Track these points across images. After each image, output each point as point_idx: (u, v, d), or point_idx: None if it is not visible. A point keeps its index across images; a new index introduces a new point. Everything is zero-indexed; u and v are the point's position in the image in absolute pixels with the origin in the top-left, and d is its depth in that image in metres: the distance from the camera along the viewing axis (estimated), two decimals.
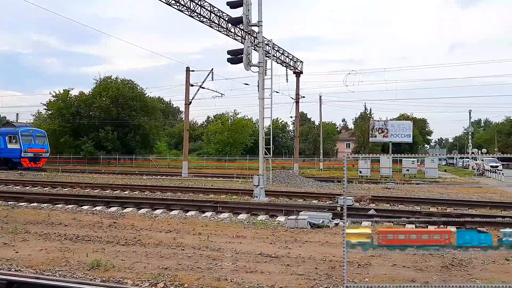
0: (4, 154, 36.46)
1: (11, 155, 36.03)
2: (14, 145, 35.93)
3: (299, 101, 37.00)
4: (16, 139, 35.97)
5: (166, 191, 18.23)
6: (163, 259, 6.78)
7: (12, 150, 35.96)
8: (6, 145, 36.38)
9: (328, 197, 16.02)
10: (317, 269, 6.22)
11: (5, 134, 36.89)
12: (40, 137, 38.22)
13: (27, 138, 36.49)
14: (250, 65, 16.19)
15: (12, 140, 36.13)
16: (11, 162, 36.14)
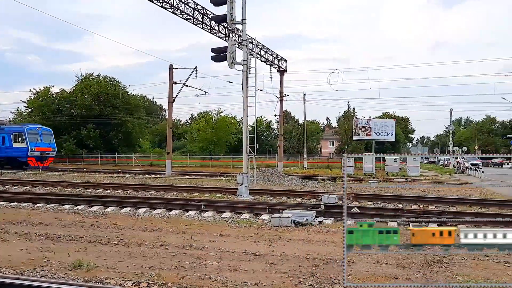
0: (9, 153, 34.75)
1: (17, 154, 34.36)
2: (20, 144, 34.31)
3: (283, 99, 37.12)
4: (22, 137, 34.33)
5: (149, 190, 18.08)
6: (146, 259, 6.72)
7: (18, 149, 34.32)
8: (11, 144, 34.75)
9: (312, 195, 16.12)
10: (301, 267, 6.25)
11: (10, 132, 35.26)
12: (47, 135, 36.54)
13: (34, 136, 34.75)
14: (234, 63, 16.15)
15: (18, 138, 34.50)
16: (17, 162, 34.55)
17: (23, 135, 34.44)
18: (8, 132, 35.32)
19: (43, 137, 35.64)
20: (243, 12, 16.19)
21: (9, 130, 35.69)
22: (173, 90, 31.16)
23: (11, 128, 36.29)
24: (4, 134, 35.27)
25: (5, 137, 35.11)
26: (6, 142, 34.97)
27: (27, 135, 34.28)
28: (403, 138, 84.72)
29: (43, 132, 36.43)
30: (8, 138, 34.90)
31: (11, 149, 34.55)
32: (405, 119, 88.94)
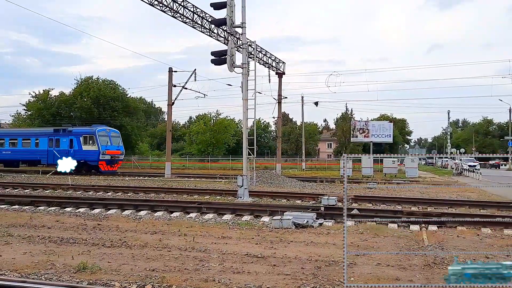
0: (78, 157, 32.27)
1: (87, 157, 32.59)
2: (90, 147, 32.72)
3: (281, 101, 37.19)
4: (93, 139, 32.71)
5: (149, 192, 18.12)
6: (149, 261, 6.77)
7: (88, 152, 32.64)
8: (80, 147, 33.12)
9: (311, 197, 16.18)
10: (303, 269, 6.31)
11: (79, 134, 33.57)
12: (115, 137, 35.14)
13: (104, 138, 33.32)
14: (234, 66, 16.22)
15: (88, 141, 32.85)
16: (87, 166, 32.96)
17: (94, 138, 32.87)
18: (76, 134, 33.64)
19: (112, 140, 34.24)
20: (243, 15, 16.28)
21: (77, 132, 34.02)
22: (172, 93, 31.21)
23: (80, 130, 34.51)
24: (72, 137, 33.62)
25: (73, 139, 33.43)
26: (75, 145, 33.30)
27: (98, 137, 32.82)
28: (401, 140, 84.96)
29: (112, 134, 35.15)
30: (77, 141, 33.25)
31: (81, 153, 32.79)
32: (402, 121, 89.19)
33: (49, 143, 34.20)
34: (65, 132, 34.20)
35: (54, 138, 34.22)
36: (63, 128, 35.60)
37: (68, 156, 32.00)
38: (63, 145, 33.67)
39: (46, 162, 34.05)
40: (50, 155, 33.67)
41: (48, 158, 33.80)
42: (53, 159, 32.69)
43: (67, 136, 33.70)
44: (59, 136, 34.18)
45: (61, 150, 33.35)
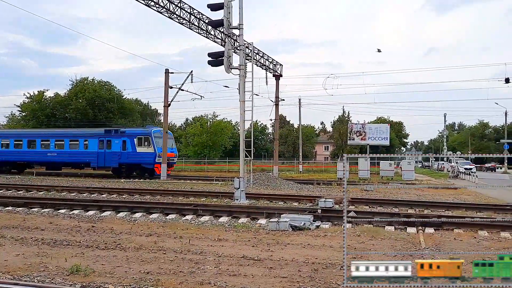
0: (132, 159, 30.72)
1: (142, 160, 30.65)
2: (146, 149, 30.70)
3: (278, 104, 37.18)
4: (149, 141, 30.75)
5: (145, 194, 18.01)
6: (144, 264, 6.69)
7: (143, 154, 30.63)
8: (135, 148, 31.02)
9: (308, 199, 16.12)
10: (300, 271, 6.24)
11: (133, 136, 31.53)
12: (169, 138, 33.12)
13: (159, 140, 31.23)
14: (231, 68, 16.18)
15: (144, 143, 30.88)
16: (141, 169, 31.21)
17: (149, 139, 30.86)
18: (130, 135, 31.62)
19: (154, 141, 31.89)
20: (240, 17, 16.25)
21: (131, 133, 32.04)
22: (168, 95, 31.12)
23: (133, 131, 32.76)
24: (125, 138, 31.43)
25: (127, 141, 31.30)
26: (128, 147, 31.11)
27: (153, 138, 30.91)
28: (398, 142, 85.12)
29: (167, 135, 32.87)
30: (131, 143, 31.16)
31: (135, 155, 30.79)
32: (399, 124, 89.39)
33: (99, 144, 32.08)
34: (117, 133, 32.25)
35: (105, 140, 32.05)
36: (115, 128, 34.01)
37: (120, 158, 31.10)
38: (115, 147, 31.48)
39: (96, 164, 32.08)
40: (101, 157, 31.72)
41: (99, 160, 31.78)
42: (104, 162, 31.44)
43: (120, 137, 31.55)
44: (110, 137, 32.06)
45: (113, 152, 31.35)
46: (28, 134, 36.79)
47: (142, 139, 31.11)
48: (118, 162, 30.98)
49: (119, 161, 30.97)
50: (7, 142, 35.48)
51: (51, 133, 36.24)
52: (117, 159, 31.01)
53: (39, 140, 34.49)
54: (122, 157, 31.03)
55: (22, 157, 34.64)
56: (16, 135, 36.62)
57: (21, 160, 34.93)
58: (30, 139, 34.89)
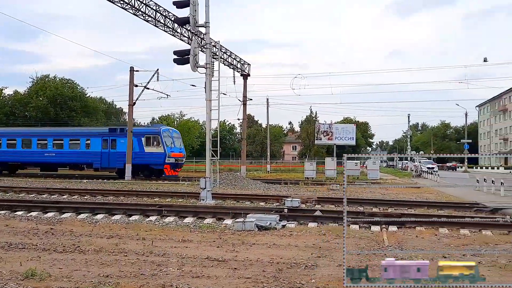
0: (139, 160, 29.04)
1: (151, 160, 29.11)
2: (155, 149, 29.20)
3: (246, 103, 37.15)
4: (158, 140, 29.28)
5: (108, 195, 17.54)
6: (104, 267, 6.45)
7: (152, 154, 29.10)
8: (142, 148, 29.46)
9: (275, 199, 16.12)
10: (265, 271, 6.17)
11: (140, 135, 29.84)
12: (178, 138, 31.74)
13: (168, 139, 29.89)
14: (197, 66, 15.96)
15: (153, 142, 29.37)
16: (149, 170, 29.68)
17: (158, 138, 29.37)
18: (137, 134, 29.83)
19: (175, 141, 30.84)
20: (206, 15, 16.05)
21: (138, 132, 30.34)
22: (133, 93, 30.48)
23: (141, 130, 31.10)
24: (133, 138, 29.63)
25: (134, 140, 29.53)
26: (135, 147, 29.34)
27: (163, 138, 29.39)
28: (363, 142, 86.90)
29: (174, 134, 31.69)
30: (138, 142, 29.47)
31: (143, 155, 29.30)
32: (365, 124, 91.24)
33: (103, 144, 30.42)
34: (123, 132, 30.26)
35: (109, 139, 30.42)
36: (121, 127, 31.87)
37: None
38: (121, 147, 29.73)
39: (100, 165, 30.25)
40: (105, 158, 30.05)
41: (102, 161, 30.04)
42: (108, 163, 29.72)
43: (126, 136, 29.66)
44: (115, 136, 30.37)
45: (118, 152, 29.72)
46: (23, 133, 34.25)
47: (150, 138, 29.51)
48: (123, 163, 29.04)
49: (125, 162, 29.09)
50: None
51: (49, 132, 34.06)
52: (122, 159, 29.15)
53: (35, 140, 32.44)
54: None
55: (16, 157, 32.29)
56: (9, 134, 34.03)
57: (15, 161, 32.58)
58: (25, 138, 32.55)
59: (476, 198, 17.41)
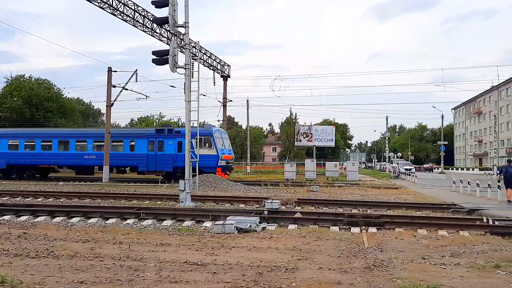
0: None
1: (202, 163, 26.62)
2: (206, 151, 27.31)
3: (226, 104, 37.01)
4: (210, 142, 27.72)
5: (84, 198, 17.15)
6: (78, 272, 6.24)
7: (203, 157, 26.24)
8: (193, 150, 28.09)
9: (255, 201, 16.04)
10: (245, 275, 6.07)
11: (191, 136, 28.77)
12: (227, 139, 30.16)
13: (219, 141, 28.40)
14: (176, 67, 15.75)
15: (204, 144, 27.63)
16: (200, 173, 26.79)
17: (210, 140, 27.81)
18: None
19: (224, 142, 29.39)
20: (186, 15, 15.86)
21: None
22: (111, 94, 30.00)
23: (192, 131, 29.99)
24: (181, 139, 27.77)
25: (183, 142, 27.03)
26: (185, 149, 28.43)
27: (215, 139, 27.93)
28: (342, 144, 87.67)
29: (223, 135, 30.04)
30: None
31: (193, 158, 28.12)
32: (344, 126, 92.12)
33: (149, 146, 28.79)
34: (171, 133, 28.97)
35: (156, 140, 28.79)
36: (169, 128, 30.50)
37: (175, 161, 27.79)
38: (169, 149, 28.34)
39: (146, 168, 28.54)
40: (151, 160, 28.45)
41: (148, 164, 28.37)
42: (155, 166, 28.18)
43: (174, 137, 28.34)
44: (163, 137, 28.77)
45: (166, 154, 28.22)
46: (59, 134, 32.28)
47: (202, 140, 27.55)
48: (172, 166, 27.90)
49: (173, 165, 27.87)
50: (32, 143, 31.14)
51: (89, 133, 32.34)
52: (171, 162, 27.82)
53: (73, 141, 30.57)
54: (178, 160, 27.69)
55: (51, 160, 30.39)
56: (44, 135, 31.85)
57: (50, 164, 30.80)
58: (62, 140, 30.65)
59: (453, 199, 17.69)
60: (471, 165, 73.88)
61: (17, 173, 30.73)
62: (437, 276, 6.13)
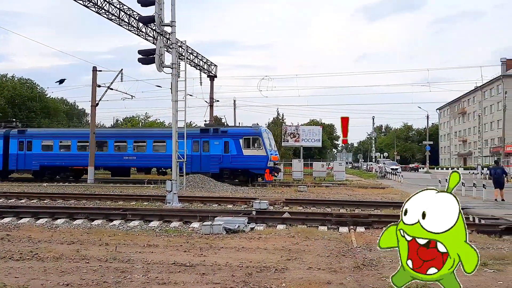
0: (237, 164, 26.62)
1: (251, 164, 26.54)
2: (256, 151, 26.56)
3: (213, 105, 36.83)
4: (259, 142, 26.73)
5: (69, 199, 16.88)
6: (64, 275, 6.10)
7: (252, 158, 26.48)
8: (241, 151, 26.79)
9: (243, 201, 15.97)
10: (234, 276, 6.00)
11: (238, 136, 27.07)
12: (272, 139, 29.14)
13: (267, 141, 27.31)
14: (162, 66, 15.61)
15: (252, 144, 26.76)
16: (248, 175, 27.19)
17: (259, 140, 26.79)
18: (234, 135, 27.24)
19: (271, 142, 28.32)
20: (172, 14, 15.74)
21: (235, 133, 27.63)
22: (96, 93, 29.62)
23: (238, 131, 28.17)
24: (227, 139, 27.15)
25: (230, 142, 27.05)
26: (232, 149, 26.91)
27: (264, 140, 26.86)
28: (329, 144, 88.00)
29: (270, 135, 28.94)
30: (235, 144, 26.92)
31: (241, 159, 26.73)
32: (330, 126, 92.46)
33: (193, 146, 27.47)
34: (217, 132, 27.87)
35: (200, 141, 27.68)
36: (214, 127, 29.18)
37: (222, 163, 26.87)
38: (215, 149, 27.29)
39: (190, 170, 26.54)
40: (196, 161, 27.20)
41: (193, 165, 26.96)
42: (200, 167, 27.08)
43: (221, 137, 27.41)
44: (208, 137, 27.68)
45: (212, 155, 27.20)
46: (97, 134, 30.34)
47: (250, 140, 26.89)
48: (218, 167, 27.04)
49: (220, 166, 27.03)
50: (67, 144, 29.97)
51: (129, 133, 31.07)
52: (217, 163, 26.91)
53: (112, 141, 29.28)
54: (224, 161, 26.98)
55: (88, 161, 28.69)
56: (80, 135, 30.83)
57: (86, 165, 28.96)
58: (99, 140, 29.35)
59: None
60: (456, 165, 74.89)
61: (50, 175, 29.69)
62: None
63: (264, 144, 26.80)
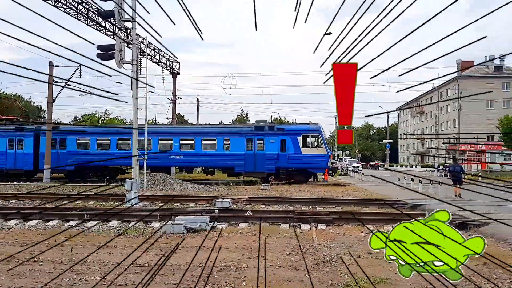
0: (295, 163, 25.40)
1: (311, 164, 25.30)
2: (315, 150, 25.29)
3: (176, 102, 36.37)
4: (319, 140, 25.50)
5: (23, 199, 16.20)
6: (15, 278, 5.85)
7: (312, 156, 25.09)
8: (298, 149, 25.40)
9: (205, 200, 15.84)
10: (194, 276, 5.92)
11: (296, 134, 25.60)
12: (326, 138, 27.44)
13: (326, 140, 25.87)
14: (122, 63, 15.25)
15: (311, 142, 25.60)
16: (307, 174, 25.98)
17: (319, 138, 25.45)
18: (291, 133, 25.72)
19: (325, 141, 26.53)
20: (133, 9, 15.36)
21: (292, 130, 26.02)
22: (53, 90, 28.59)
23: (295, 128, 26.46)
24: (284, 137, 25.67)
25: (287, 140, 25.60)
26: (290, 148, 25.54)
27: (323, 138, 25.54)
28: None
29: (324, 133, 27.39)
30: (293, 142, 25.50)
31: (299, 158, 25.37)
32: None
33: (247, 145, 26.18)
34: (272, 130, 26.30)
35: (254, 138, 26.15)
36: (270, 125, 27.30)
37: (278, 162, 25.43)
38: (270, 148, 25.82)
39: (243, 169, 25.90)
40: (249, 160, 25.89)
41: (246, 165, 25.81)
42: (254, 166, 25.75)
43: (276, 135, 25.92)
44: (263, 135, 26.10)
45: (267, 154, 25.74)
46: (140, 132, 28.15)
47: (309, 138, 25.70)
48: (274, 167, 25.76)
49: (276, 165, 25.72)
50: (106, 142, 28.02)
51: (176, 131, 28.73)
52: (273, 162, 25.56)
53: (156, 139, 27.23)
54: (281, 161, 25.62)
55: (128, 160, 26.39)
56: (120, 133, 28.09)
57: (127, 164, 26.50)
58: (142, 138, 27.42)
59: (397, 195, 18.35)
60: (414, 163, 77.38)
61: (85, 175, 28.01)
62: (383, 270, 6.27)
63: (324, 142, 25.92)
